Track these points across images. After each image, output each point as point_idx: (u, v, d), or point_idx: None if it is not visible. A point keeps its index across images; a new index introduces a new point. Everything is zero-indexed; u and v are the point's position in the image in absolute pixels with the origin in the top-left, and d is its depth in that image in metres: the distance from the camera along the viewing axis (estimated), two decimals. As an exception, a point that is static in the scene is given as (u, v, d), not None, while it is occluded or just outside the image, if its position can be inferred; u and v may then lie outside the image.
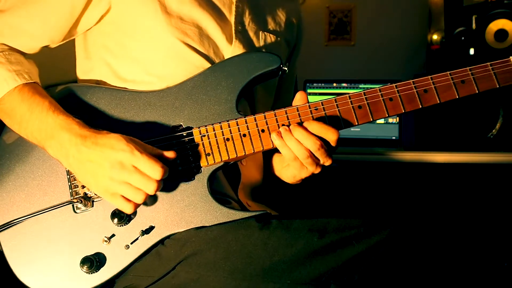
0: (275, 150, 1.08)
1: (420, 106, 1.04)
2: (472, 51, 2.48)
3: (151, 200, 1.04)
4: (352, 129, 2.59)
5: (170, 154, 1.00)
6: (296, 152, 1.03)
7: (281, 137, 1.03)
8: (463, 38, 2.50)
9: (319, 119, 1.04)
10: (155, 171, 0.94)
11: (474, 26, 2.46)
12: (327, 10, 3.10)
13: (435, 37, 2.92)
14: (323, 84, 2.69)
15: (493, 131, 2.40)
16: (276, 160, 1.25)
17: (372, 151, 2.41)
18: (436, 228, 2.20)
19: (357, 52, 3.09)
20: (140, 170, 0.94)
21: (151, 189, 0.95)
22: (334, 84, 2.67)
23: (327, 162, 1.05)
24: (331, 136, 1.02)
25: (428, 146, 2.59)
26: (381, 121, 2.57)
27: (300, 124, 1.04)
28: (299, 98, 1.07)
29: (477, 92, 1.05)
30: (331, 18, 3.10)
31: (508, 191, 2.25)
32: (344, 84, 2.68)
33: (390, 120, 2.56)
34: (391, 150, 2.42)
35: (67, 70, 1.29)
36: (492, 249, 2.16)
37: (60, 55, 1.29)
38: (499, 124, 2.38)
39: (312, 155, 1.03)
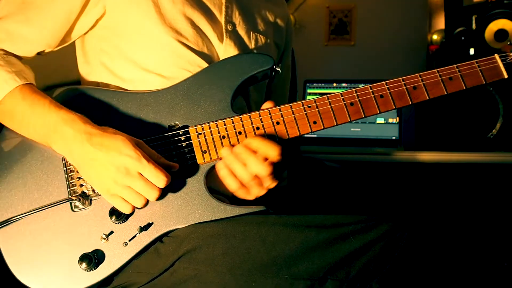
0: None
1: (410, 102, 1.07)
2: (472, 51, 2.48)
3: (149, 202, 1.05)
4: (352, 129, 2.60)
5: (174, 165, 1.03)
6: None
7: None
8: (463, 38, 2.50)
9: (312, 116, 1.07)
10: (160, 179, 0.97)
11: (474, 26, 2.46)
12: (327, 10, 3.11)
13: (435, 37, 2.92)
14: (323, 84, 2.68)
15: (493, 131, 2.39)
16: None
17: (372, 151, 2.41)
18: (436, 228, 2.20)
19: (357, 52, 3.10)
20: (144, 177, 0.97)
21: (152, 196, 0.98)
22: (334, 84, 2.66)
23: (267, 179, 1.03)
24: (271, 152, 1.02)
25: (428, 146, 2.59)
26: (381, 121, 2.56)
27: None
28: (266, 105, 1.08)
29: (464, 88, 1.08)
30: (331, 18, 3.10)
31: (508, 191, 2.25)
32: (344, 84, 2.66)
33: (390, 120, 2.55)
34: (391, 150, 2.42)
35: (71, 69, 1.30)
36: (492, 249, 2.16)
37: (65, 54, 1.30)
38: (499, 124, 2.38)
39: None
